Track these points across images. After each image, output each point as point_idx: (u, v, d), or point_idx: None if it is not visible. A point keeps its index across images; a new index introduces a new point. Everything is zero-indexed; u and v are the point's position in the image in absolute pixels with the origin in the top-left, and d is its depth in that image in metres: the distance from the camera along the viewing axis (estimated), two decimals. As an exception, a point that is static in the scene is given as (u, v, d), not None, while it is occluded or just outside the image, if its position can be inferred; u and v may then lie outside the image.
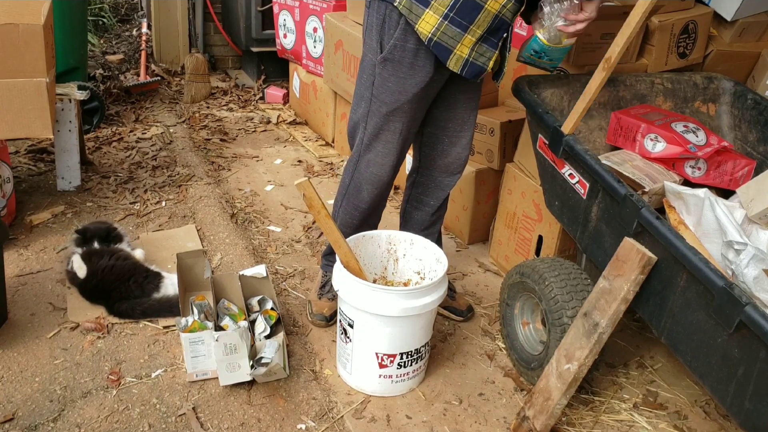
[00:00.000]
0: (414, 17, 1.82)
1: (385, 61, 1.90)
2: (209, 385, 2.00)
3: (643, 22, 2.07)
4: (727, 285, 1.41)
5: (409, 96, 1.93)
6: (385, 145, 2.03)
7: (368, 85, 1.98)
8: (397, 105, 1.95)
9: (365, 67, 1.99)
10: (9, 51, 2.45)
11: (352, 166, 2.14)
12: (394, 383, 2.01)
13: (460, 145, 2.16)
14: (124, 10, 6.02)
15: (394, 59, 1.89)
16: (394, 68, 1.90)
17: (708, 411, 2.07)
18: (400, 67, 1.89)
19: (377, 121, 2.00)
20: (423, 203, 2.30)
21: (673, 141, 2.00)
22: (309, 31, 3.87)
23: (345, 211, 2.21)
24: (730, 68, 2.75)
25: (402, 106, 1.95)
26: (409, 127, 2.03)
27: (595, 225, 1.89)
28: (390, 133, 2.01)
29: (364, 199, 2.14)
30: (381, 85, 1.94)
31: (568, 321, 1.86)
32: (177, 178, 3.29)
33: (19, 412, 1.87)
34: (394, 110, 1.96)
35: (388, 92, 1.93)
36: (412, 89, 1.92)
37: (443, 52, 1.85)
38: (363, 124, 2.04)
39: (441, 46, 1.84)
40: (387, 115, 1.97)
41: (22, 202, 2.92)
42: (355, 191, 2.15)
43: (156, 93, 4.50)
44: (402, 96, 1.93)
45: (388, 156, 2.05)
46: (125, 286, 2.28)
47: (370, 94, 1.98)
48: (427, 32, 1.82)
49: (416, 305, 1.86)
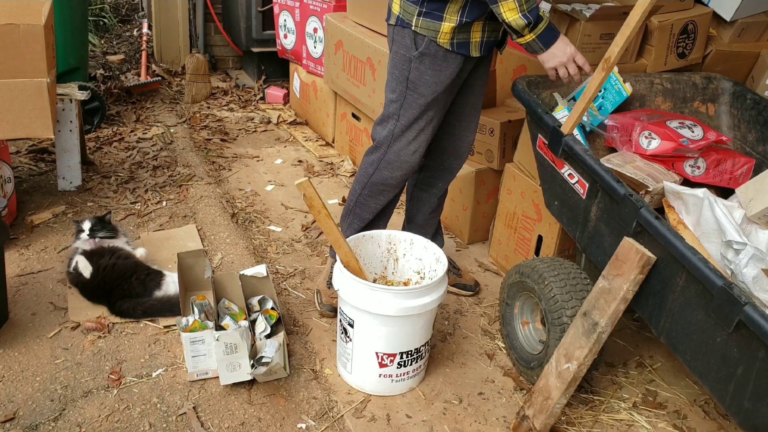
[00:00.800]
0: (433, 33, 1.98)
1: (422, 55, 2.03)
2: (210, 385, 2.01)
3: (643, 23, 2.07)
4: (726, 285, 1.42)
5: (444, 86, 2.06)
6: (418, 134, 2.14)
7: (402, 80, 2.09)
8: (434, 96, 2.07)
9: (397, 64, 2.10)
10: (10, 51, 2.45)
11: (379, 156, 2.20)
12: (394, 382, 2.01)
13: (469, 129, 2.30)
14: (125, 10, 6.02)
15: (429, 53, 2.02)
16: (431, 62, 2.03)
17: (707, 410, 2.07)
18: (435, 60, 2.02)
19: (413, 112, 2.10)
20: (432, 185, 2.40)
21: (666, 137, 2.01)
22: (309, 31, 3.87)
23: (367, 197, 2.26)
24: (730, 68, 2.75)
25: (438, 96, 2.07)
26: (440, 115, 2.16)
27: (595, 225, 1.90)
28: (424, 122, 2.12)
29: (392, 184, 2.22)
30: (418, 79, 2.05)
31: (568, 320, 1.87)
32: (178, 178, 3.30)
33: (20, 411, 1.87)
34: (432, 101, 2.08)
35: (426, 84, 2.05)
36: (447, 79, 2.05)
37: (465, 48, 2.03)
38: (396, 117, 2.14)
39: (462, 44, 2.01)
40: (423, 106, 2.09)
41: (23, 201, 2.93)
42: (380, 177, 2.21)
43: (157, 93, 4.51)
44: (438, 87, 2.06)
45: (420, 143, 2.16)
46: (127, 283, 2.28)
47: (404, 88, 2.09)
48: (447, 40, 1.99)
49: (416, 305, 1.86)
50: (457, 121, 2.26)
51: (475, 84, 2.21)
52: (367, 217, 2.30)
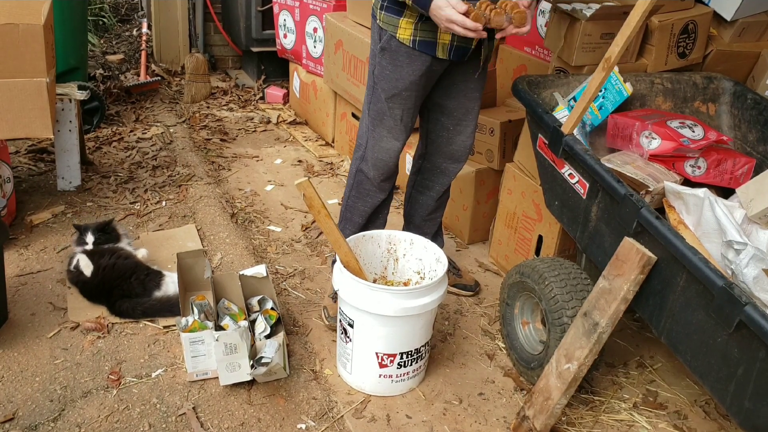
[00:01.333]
0: (393, 28, 1.97)
1: (383, 50, 2.02)
2: (209, 385, 2.00)
3: (643, 22, 2.07)
4: (726, 285, 1.41)
5: (407, 83, 2.03)
6: (388, 131, 2.13)
7: (371, 73, 2.10)
8: (395, 91, 2.05)
9: (371, 56, 2.11)
10: (9, 51, 2.45)
11: (360, 154, 2.23)
12: (394, 383, 2.01)
13: (465, 133, 2.25)
14: (125, 10, 6.01)
15: (391, 48, 2.00)
16: (392, 57, 2.01)
17: (708, 411, 2.07)
18: (397, 55, 2.00)
19: (380, 106, 2.09)
20: (428, 188, 2.39)
21: (667, 136, 2.00)
22: (309, 31, 3.87)
23: (355, 199, 2.28)
24: (730, 68, 2.74)
25: (400, 92, 2.05)
26: (409, 114, 2.12)
27: (595, 225, 1.89)
28: (391, 119, 2.10)
29: (373, 184, 2.22)
30: (380, 73, 2.05)
31: (568, 321, 1.86)
32: (177, 178, 3.29)
33: (19, 411, 1.87)
34: (392, 96, 2.06)
35: (387, 79, 2.04)
36: (410, 77, 2.02)
37: (428, 47, 1.97)
38: (368, 110, 2.15)
39: (424, 43, 1.97)
40: (387, 101, 2.07)
41: (22, 201, 2.92)
42: (363, 177, 2.23)
43: (156, 93, 4.50)
44: (400, 83, 2.03)
45: (391, 141, 2.14)
46: (127, 283, 2.28)
47: (372, 82, 2.10)
48: (408, 37, 1.96)
49: (416, 305, 1.86)
50: (452, 124, 2.23)
51: (467, 87, 2.16)
52: (358, 221, 2.29)
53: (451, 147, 2.27)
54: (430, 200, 2.40)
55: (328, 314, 2.32)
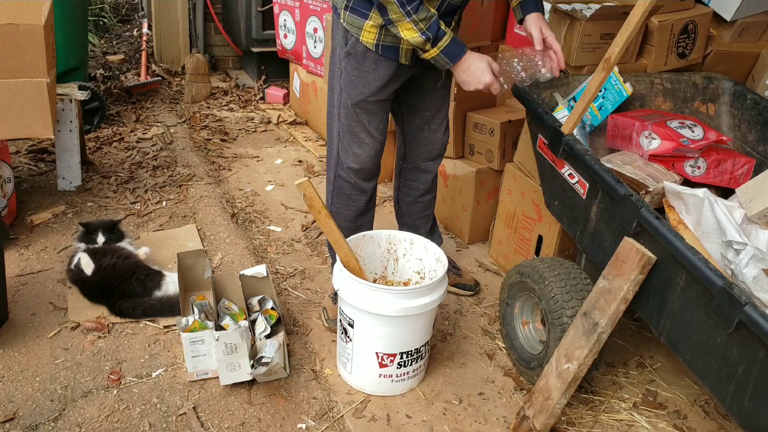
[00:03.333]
0: (356, 30, 1.92)
1: (348, 55, 1.98)
2: (210, 385, 2.01)
3: (643, 23, 2.07)
4: (726, 285, 1.41)
5: (373, 89, 2.00)
6: (357, 136, 2.10)
7: (337, 77, 2.05)
8: (361, 97, 2.01)
9: (334, 60, 2.06)
10: (9, 51, 2.45)
11: (334, 160, 2.19)
12: (394, 383, 2.01)
13: (440, 131, 2.25)
14: (125, 10, 6.02)
15: (357, 54, 1.96)
16: (357, 63, 1.97)
17: (707, 410, 2.07)
18: (363, 62, 1.96)
19: (347, 112, 2.06)
20: (412, 188, 2.38)
21: (667, 137, 2.00)
22: (309, 31, 3.87)
23: (338, 205, 2.25)
24: (730, 68, 2.75)
25: (367, 98, 2.02)
26: (379, 118, 2.08)
27: (595, 225, 1.90)
28: (360, 125, 2.07)
29: (354, 188, 2.19)
30: (347, 79, 2.01)
31: (568, 320, 1.87)
32: (177, 178, 3.30)
33: (19, 411, 1.87)
34: (359, 102, 2.02)
35: (353, 85, 2.01)
36: (376, 82, 1.99)
37: (392, 52, 1.94)
38: (337, 115, 2.11)
39: (388, 47, 1.93)
40: (354, 107, 2.04)
41: (22, 202, 2.93)
42: (343, 182, 2.20)
43: (156, 93, 4.50)
44: (366, 89, 2.00)
45: (363, 146, 2.11)
46: (127, 283, 2.28)
47: (339, 87, 2.05)
48: (371, 40, 1.92)
49: (416, 305, 1.86)
50: (425, 123, 2.21)
51: (432, 86, 2.13)
52: (346, 224, 2.24)
53: (429, 146, 2.27)
54: (417, 199, 2.39)
55: (327, 316, 2.32)
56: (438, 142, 2.26)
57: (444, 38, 1.82)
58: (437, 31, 1.80)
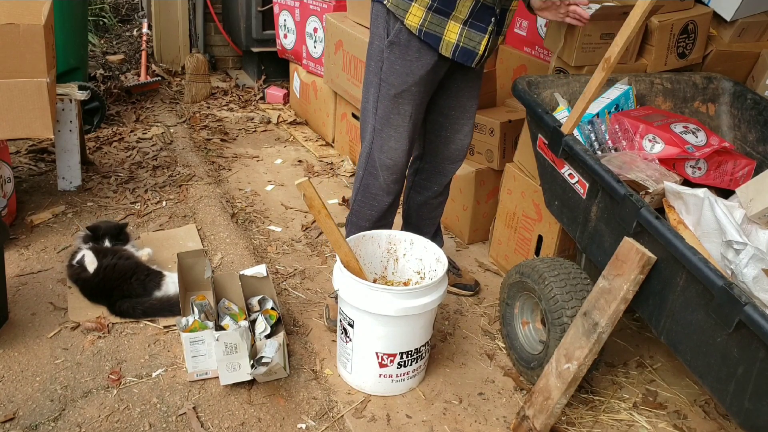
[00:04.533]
0: (402, 12, 1.94)
1: (392, 45, 1.99)
2: (210, 385, 2.01)
3: (643, 22, 2.07)
4: (726, 284, 1.41)
5: (416, 78, 2.01)
6: (396, 130, 2.09)
7: (377, 71, 2.05)
8: (404, 87, 2.02)
9: (373, 54, 2.07)
10: (9, 51, 2.45)
11: (365, 157, 2.19)
12: (394, 383, 2.01)
13: (462, 132, 2.23)
14: (125, 10, 6.02)
15: (400, 43, 1.98)
16: (401, 51, 1.99)
17: (707, 410, 2.07)
18: (407, 50, 1.98)
19: (387, 104, 2.06)
20: (426, 188, 2.37)
21: (671, 142, 2.00)
22: (309, 31, 3.87)
23: (361, 203, 2.25)
24: (730, 68, 2.74)
25: (410, 88, 2.02)
26: (418, 111, 2.10)
27: (595, 225, 1.90)
28: (400, 116, 2.07)
29: (382, 187, 2.19)
30: (389, 69, 2.02)
31: (568, 320, 1.87)
32: (177, 178, 3.29)
33: (19, 411, 1.87)
34: (402, 92, 2.03)
35: (396, 74, 2.01)
36: (419, 71, 2.00)
37: (434, 40, 1.96)
38: (373, 110, 2.10)
39: (430, 35, 1.95)
40: (395, 98, 2.04)
41: (22, 202, 2.93)
42: (371, 180, 2.19)
43: (156, 93, 4.50)
44: (409, 78, 2.01)
45: (400, 140, 2.11)
46: (127, 284, 2.28)
47: (378, 80, 2.06)
48: (415, 24, 1.94)
49: (416, 305, 1.86)
50: (449, 123, 2.22)
51: (462, 86, 2.15)
52: (365, 225, 2.26)
53: (450, 147, 2.26)
54: (428, 200, 2.39)
55: (328, 315, 2.32)
56: (459, 144, 2.25)
57: None
58: None
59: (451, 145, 2.25)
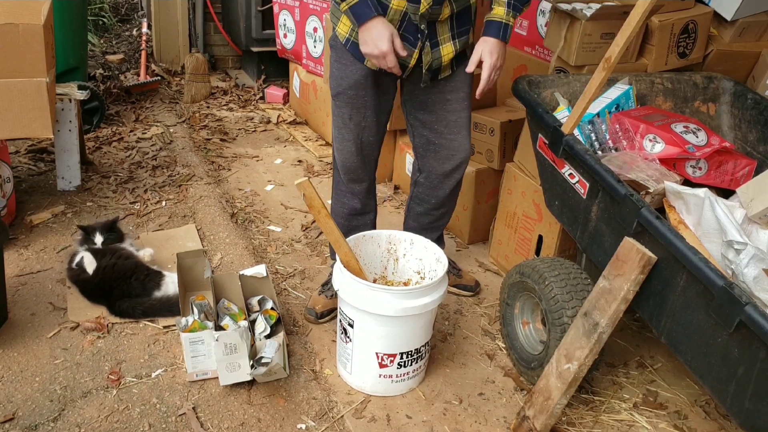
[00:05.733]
0: (335, 20, 1.99)
1: (332, 47, 2.04)
2: (209, 385, 2.00)
3: (643, 22, 2.07)
4: (727, 284, 1.41)
5: (350, 82, 2.01)
6: (340, 131, 2.12)
7: None
8: (340, 89, 2.05)
9: None
10: (9, 51, 2.45)
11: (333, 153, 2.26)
12: (394, 383, 2.01)
13: (451, 147, 2.16)
14: (125, 9, 6.02)
15: (337, 47, 2.02)
16: (338, 55, 2.02)
17: (708, 411, 2.07)
18: (343, 54, 2.00)
19: (332, 104, 2.11)
20: (424, 201, 2.35)
21: (672, 142, 2.00)
22: (309, 30, 3.87)
23: (335, 200, 2.32)
24: (730, 68, 2.74)
25: (345, 91, 2.03)
26: (360, 115, 2.07)
27: (595, 225, 1.89)
28: (340, 118, 2.10)
29: (346, 187, 2.25)
30: (330, 70, 2.07)
31: (568, 321, 1.86)
32: (177, 177, 3.29)
33: (19, 411, 1.87)
34: (338, 94, 2.06)
35: (333, 76, 2.06)
36: (352, 76, 2.00)
37: (358, 51, 1.94)
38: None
39: (356, 46, 1.94)
40: (334, 99, 2.08)
41: (22, 201, 2.92)
42: (338, 177, 2.27)
43: (156, 93, 4.50)
44: (343, 81, 2.03)
45: (345, 142, 2.13)
46: (127, 283, 2.28)
47: None
48: (344, 34, 1.97)
49: (416, 305, 1.86)
50: (435, 138, 2.15)
51: (443, 99, 2.08)
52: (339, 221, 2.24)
53: (441, 162, 2.19)
54: (429, 211, 2.34)
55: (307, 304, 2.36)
56: (449, 157, 2.17)
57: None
58: None
59: (443, 160, 2.18)
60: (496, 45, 1.94)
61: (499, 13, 1.93)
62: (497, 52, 1.94)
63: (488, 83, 1.97)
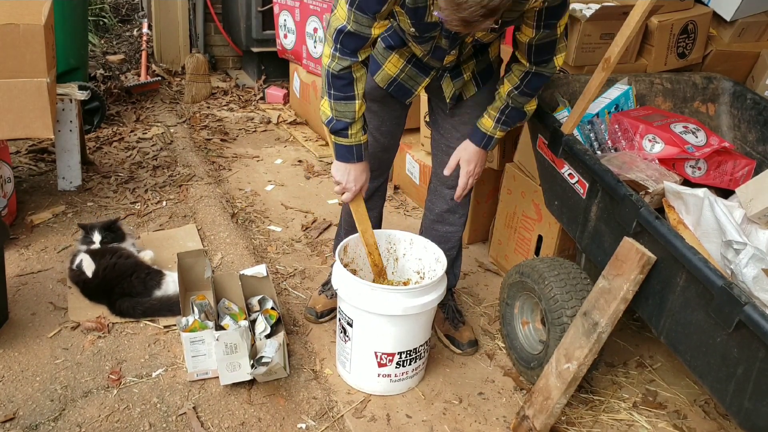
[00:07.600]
0: None
1: None
2: (210, 385, 2.01)
3: (643, 23, 2.07)
4: (726, 284, 1.42)
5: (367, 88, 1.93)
6: None
7: None
8: None
9: None
10: (10, 51, 2.45)
11: None
12: (393, 382, 2.01)
13: None
14: (125, 10, 6.02)
15: None
16: None
17: (707, 410, 2.07)
18: None
19: None
20: (429, 210, 2.26)
21: (671, 142, 2.00)
22: (309, 31, 3.87)
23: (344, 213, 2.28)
24: (730, 68, 2.75)
25: None
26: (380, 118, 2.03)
27: (595, 225, 1.90)
28: None
29: None
30: None
31: (568, 320, 1.87)
32: (178, 177, 3.30)
33: (20, 411, 1.87)
34: None
35: None
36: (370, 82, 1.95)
37: (373, 65, 1.93)
38: None
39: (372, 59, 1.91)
40: None
41: (22, 201, 2.93)
42: None
43: (156, 93, 4.51)
44: None
45: None
46: (128, 282, 2.28)
47: None
48: None
49: (415, 304, 1.86)
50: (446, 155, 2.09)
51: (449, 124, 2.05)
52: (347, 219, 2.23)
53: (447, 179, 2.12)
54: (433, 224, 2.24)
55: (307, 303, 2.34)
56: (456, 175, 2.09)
57: (342, 138, 1.83)
58: (340, 129, 1.81)
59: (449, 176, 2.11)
60: (475, 153, 1.97)
61: (486, 125, 1.94)
62: (475, 161, 1.98)
63: (464, 189, 2.01)
